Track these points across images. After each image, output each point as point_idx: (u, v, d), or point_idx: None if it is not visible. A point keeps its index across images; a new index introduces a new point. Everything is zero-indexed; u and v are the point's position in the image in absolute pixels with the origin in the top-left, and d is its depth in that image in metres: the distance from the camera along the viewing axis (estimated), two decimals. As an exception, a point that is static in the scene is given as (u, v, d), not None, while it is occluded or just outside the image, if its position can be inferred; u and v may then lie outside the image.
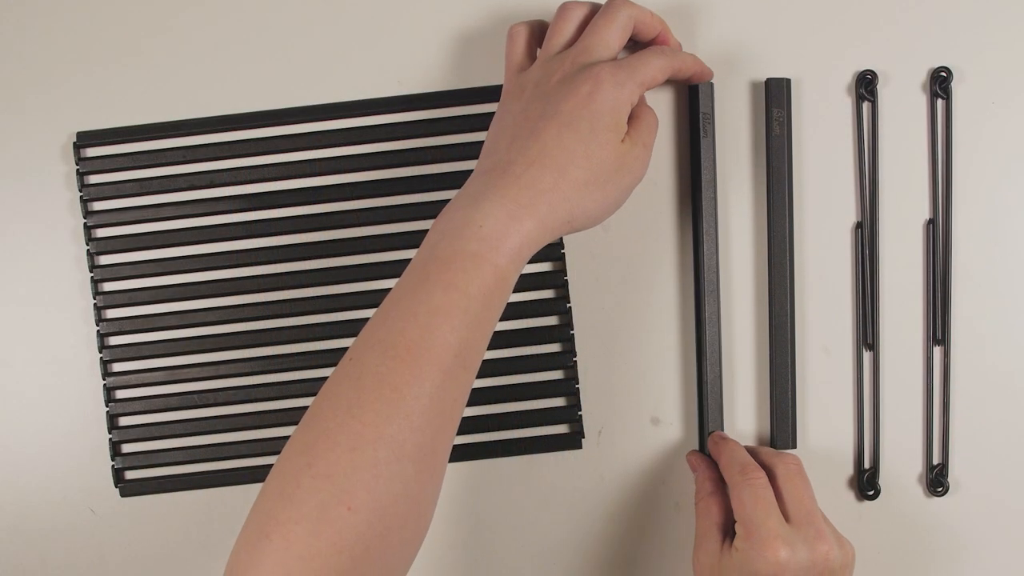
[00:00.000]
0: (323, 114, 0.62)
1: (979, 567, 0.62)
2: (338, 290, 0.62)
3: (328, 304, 0.62)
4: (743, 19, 0.61)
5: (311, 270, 0.62)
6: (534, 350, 0.62)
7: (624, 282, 0.62)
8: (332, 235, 0.62)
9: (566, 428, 0.63)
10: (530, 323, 0.62)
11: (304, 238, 0.62)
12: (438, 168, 0.62)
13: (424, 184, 0.62)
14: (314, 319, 0.62)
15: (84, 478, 0.63)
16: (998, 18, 0.61)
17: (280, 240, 0.62)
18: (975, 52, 0.61)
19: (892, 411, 0.62)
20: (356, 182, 0.62)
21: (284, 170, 0.62)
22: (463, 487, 0.63)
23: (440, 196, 0.61)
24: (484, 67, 0.61)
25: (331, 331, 0.62)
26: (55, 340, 0.62)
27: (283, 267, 0.62)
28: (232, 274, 0.62)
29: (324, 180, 0.62)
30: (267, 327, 0.62)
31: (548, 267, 0.62)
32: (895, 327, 0.62)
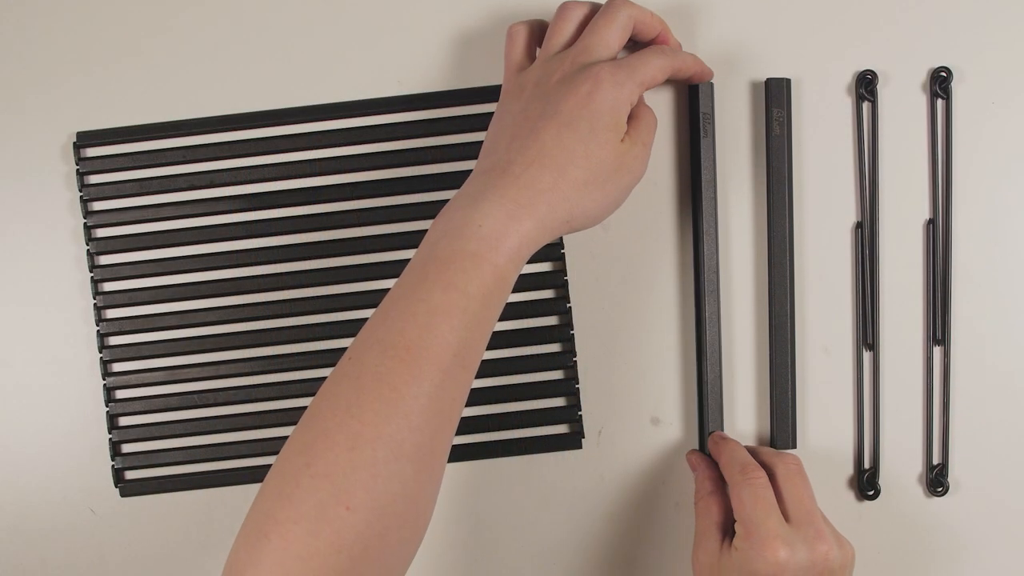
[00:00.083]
0: (323, 114, 0.62)
1: (979, 567, 0.62)
2: (338, 290, 0.62)
3: (328, 304, 0.62)
4: (743, 19, 0.61)
5: (311, 270, 0.62)
6: (534, 350, 0.62)
7: (624, 282, 0.62)
8: (332, 235, 0.62)
9: (566, 428, 0.63)
10: (530, 323, 0.62)
11: (304, 238, 0.62)
12: (438, 168, 0.62)
13: (424, 184, 0.62)
14: (314, 319, 0.62)
15: (84, 478, 0.63)
16: (998, 18, 0.61)
17: (280, 240, 0.62)
18: (975, 52, 0.61)
19: (892, 411, 0.62)
20: (356, 182, 0.62)
21: (284, 170, 0.62)
22: (463, 487, 0.63)
23: (440, 196, 0.61)
24: (484, 67, 0.61)
25: (331, 331, 0.62)
26: (55, 340, 0.63)
27: (283, 267, 0.62)
28: (232, 274, 0.62)
29: (324, 180, 0.62)
30: (267, 327, 0.62)
31: (548, 267, 0.62)
32: (895, 327, 0.62)
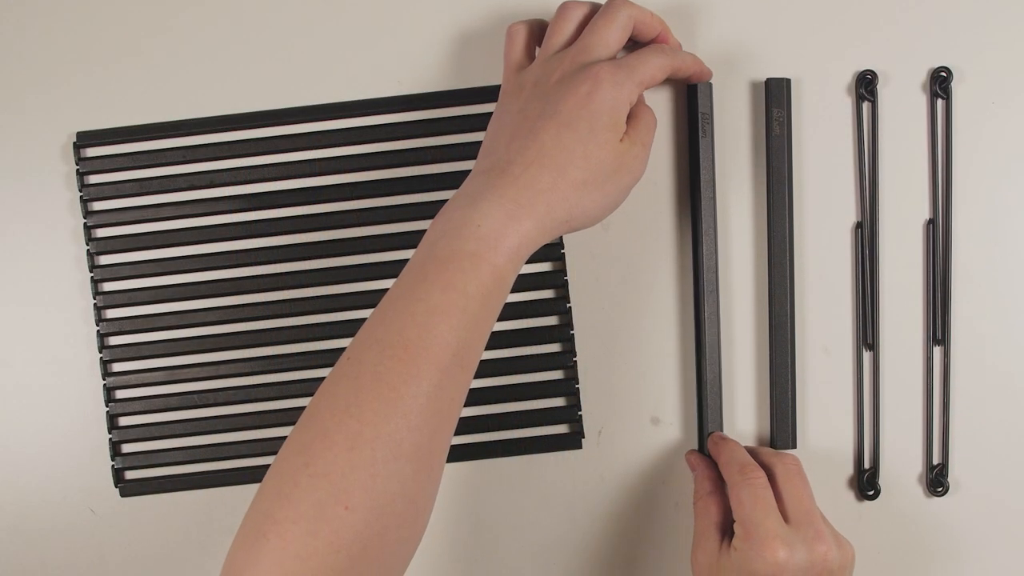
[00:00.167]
0: (323, 114, 0.62)
1: (979, 567, 0.62)
2: (338, 290, 0.62)
3: (328, 304, 0.62)
4: (743, 19, 0.61)
5: (311, 270, 0.62)
6: (534, 350, 0.62)
7: (624, 282, 0.62)
8: (332, 235, 0.62)
9: (566, 428, 0.63)
10: (530, 323, 0.62)
11: (304, 238, 0.62)
12: (438, 168, 0.62)
13: (424, 184, 0.62)
14: (314, 319, 0.62)
15: (84, 478, 0.63)
16: (998, 18, 0.61)
17: (280, 240, 0.62)
18: (975, 52, 0.61)
19: (892, 411, 0.62)
20: (356, 182, 0.62)
21: (284, 170, 0.62)
22: (463, 487, 0.63)
23: (440, 196, 0.61)
24: (484, 67, 0.61)
25: (331, 331, 0.62)
26: (55, 340, 0.63)
27: (283, 267, 0.62)
28: (232, 274, 0.62)
29: (324, 180, 0.62)
30: (267, 327, 0.62)
31: (548, 267, 0.62)
32: (895, 327, 0.62)
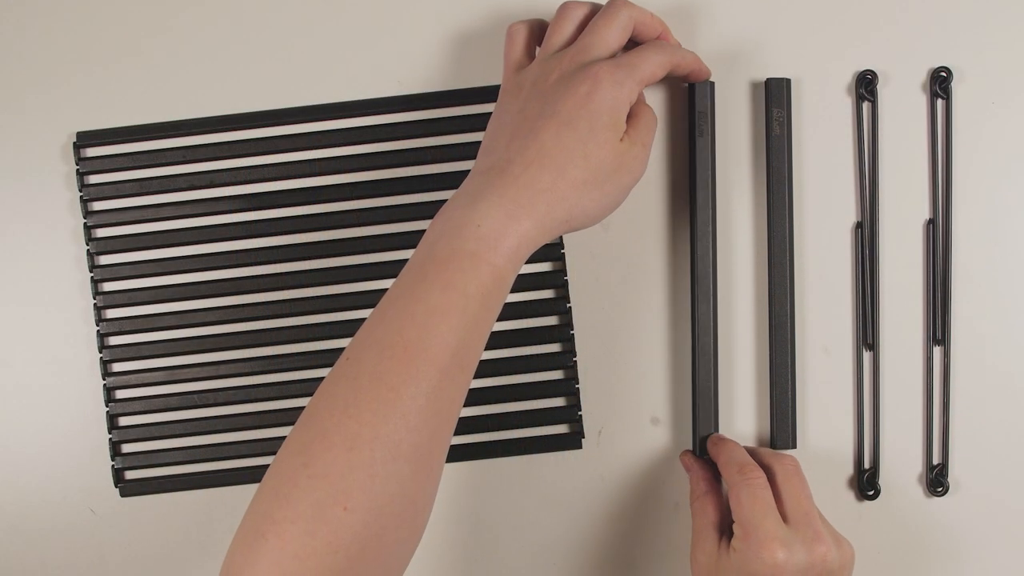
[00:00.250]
0: (323, 114, 0.62)
1: (979, 567, 0.62)
2: (338, 290, 0.62)
3: (328, 304, 0.62)
4: (743, 19, 0.61)
5: (311, 270, 0.62)
6: (534, 350, 0.62)
7: (624, 282, 0.62)
8: (332, 235, 0.62)
9: (566, 428, 0.63)
10: (530, 323, 0.62)
11: (304, 238, 0.62)
12: (438, 168, 0.62)
13: (424, 184, 0.62)
14: (314, 319, 0.62)
15: (84, 478, 0.63)
16: (998, 18, 0.61)
17: (280, 240, 0.62)
18: (975, 52, 0.61)
19: (892, 411, 0.62)
20: (356, 182, 0.62)
21: (284, 170, 0.62)
22: (463, 487, 0.63)
23: (440, 196, 0.61)
24: (483, 67, 0.61)
25: (331, 331, 0.62)
26: (55, 340, 0.63)
27: (283, 267, 0.62)
28: (232, 274, 0.62)
29: (324, 180, 0.62)
30: (267, 327, 0.62)
31: (548, 267, 0.62)
32: (895, 327, 0.62)
